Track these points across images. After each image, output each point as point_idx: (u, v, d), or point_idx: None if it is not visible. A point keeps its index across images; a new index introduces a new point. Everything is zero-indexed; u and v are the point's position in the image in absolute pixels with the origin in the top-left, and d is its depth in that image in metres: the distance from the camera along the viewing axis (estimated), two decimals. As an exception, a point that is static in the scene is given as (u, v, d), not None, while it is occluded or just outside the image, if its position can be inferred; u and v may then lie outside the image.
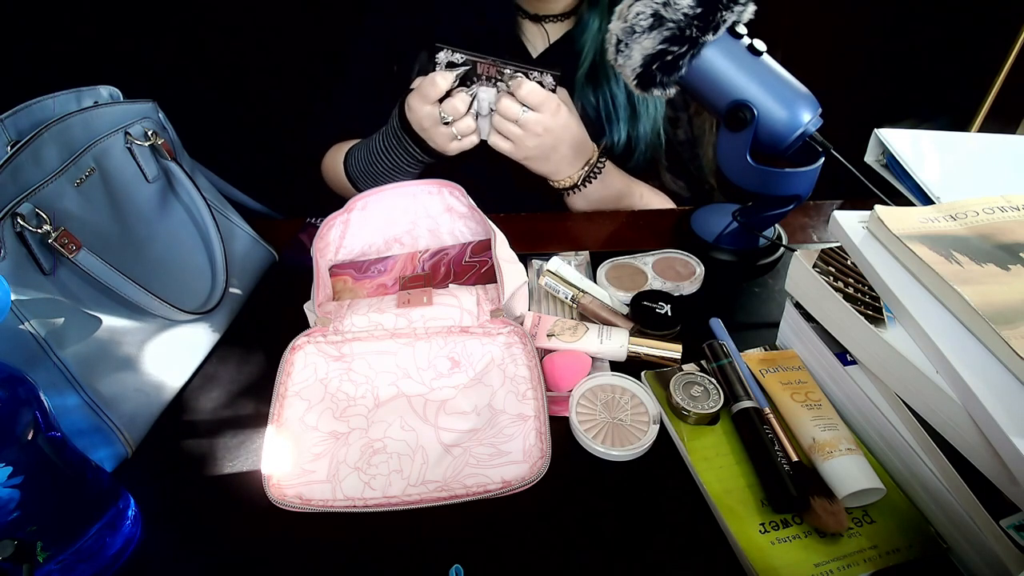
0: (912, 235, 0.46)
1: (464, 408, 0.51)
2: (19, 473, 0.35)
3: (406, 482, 0.46)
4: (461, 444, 0.48)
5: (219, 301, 0.58)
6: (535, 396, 0.50)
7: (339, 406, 0.50)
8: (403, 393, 0.51)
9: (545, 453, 0.47)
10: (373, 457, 0.47)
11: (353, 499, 0.45)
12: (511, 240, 0.60)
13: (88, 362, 0.47)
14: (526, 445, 0.47)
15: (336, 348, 0.53)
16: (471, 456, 0.47)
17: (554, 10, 0.81)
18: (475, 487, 0.45)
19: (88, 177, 0.50)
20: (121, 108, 0.55)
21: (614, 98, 0.80)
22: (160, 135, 0.57)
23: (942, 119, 1.21)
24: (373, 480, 0.46)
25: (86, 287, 0.49)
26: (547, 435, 0.48)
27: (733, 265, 0.68)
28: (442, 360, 0.53)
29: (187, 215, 0.60)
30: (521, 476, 0.46)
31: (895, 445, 0.44)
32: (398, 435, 0.49)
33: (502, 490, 0.45)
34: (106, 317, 0.50)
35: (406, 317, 0.55)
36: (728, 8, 0.56)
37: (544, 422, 0.49)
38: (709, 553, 0.42)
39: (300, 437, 0.48)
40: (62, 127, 0.49)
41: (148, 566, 0.43)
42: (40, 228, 0.45)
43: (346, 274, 0.62)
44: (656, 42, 0.57)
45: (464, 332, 0.54)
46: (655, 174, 0.87)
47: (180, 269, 0.57)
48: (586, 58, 0.79)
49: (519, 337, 0.53)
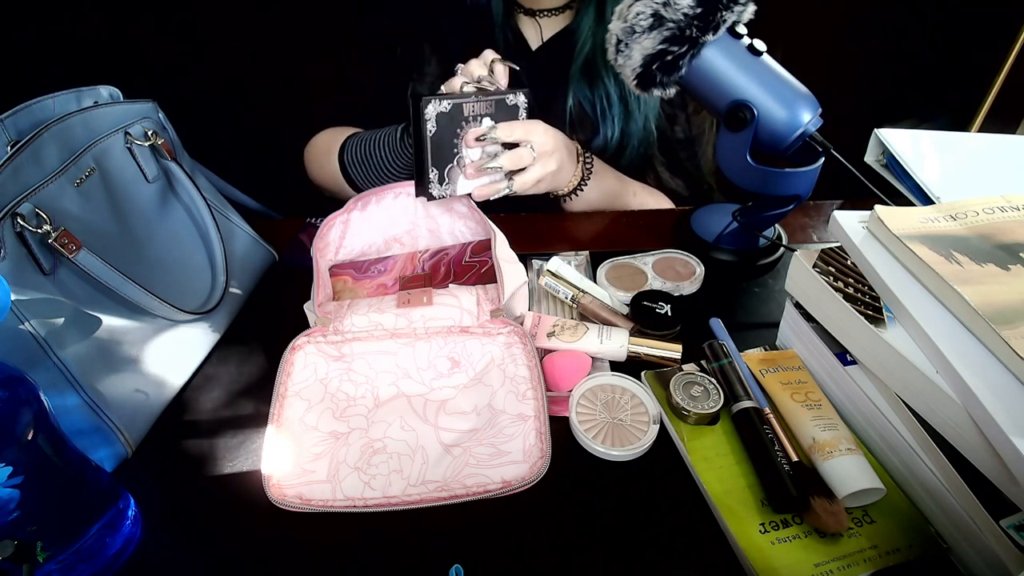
0: (912, 235, 0.46)
1: (464, 408, 0.51)
2: (19, 473, 0.35)
3: (406, 482, 0.46)
4: (461, 444, 0.48)
5: (219, 301, 0.58)
6: (535, 396, 0.50)
7: (339, 406, 0.50)
8: (403, 393, 0.51)
9: (545, 453, 0.47)
10: (373, 457, 0.47)
11: (353, 499, 0.45)
12: (511, 240, 0.60)
13: (88, 362, 0.47)
14: (526, 445, 0.47)
15: (336, 348, 0.53)
16: (471, 456, 0.47)
17: (548, 4, 0.81)
18: (475, 487, 0.45)
19: (88, 177, 0.50)
20: (121, 108, 0.55)
21: (608, 94, 0.80)
22: (160, 135, 0.57)
23: (942, 119, 1.21)
24: (373, 480, 0.46)
25: (86, 287, 0.49)
26: (547, 435, 0.48)
27: (733, 265, 0.68)
28: (442, 360, 0.53)
29: (187, 215, 0.60)
30: (521, 476, 0.46)
31: (895, 445, 0.44)
32: (398, 435, 0.49)
33: (502, 490, 0.45)
34: (106, 317, 0.50)
35: (406, 317, 0.55)
36: (728, 8, 0.56)
37: (544, 422, 0.49)
38: (709, 553, 0.42)
39: (300, 437, 0.48)
40: (62, 127, 0.49)
41: (148, 566, 0.43)
42: (40, 228, 0.45)
43: (346, 274, 0.62)
44: (656, 42, 0.57)
45: (464, 332, 0.54)
46: (651, 171, 0.87)
47: (180, 269, 0.57)
48: (580, 53, 0.79)
49: (519, 337, 0.53)
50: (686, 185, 0.88)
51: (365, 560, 0.43)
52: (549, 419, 0.49)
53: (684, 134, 0.85)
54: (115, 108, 0.54)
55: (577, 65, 0.80)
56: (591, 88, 0.80)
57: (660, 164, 0.87)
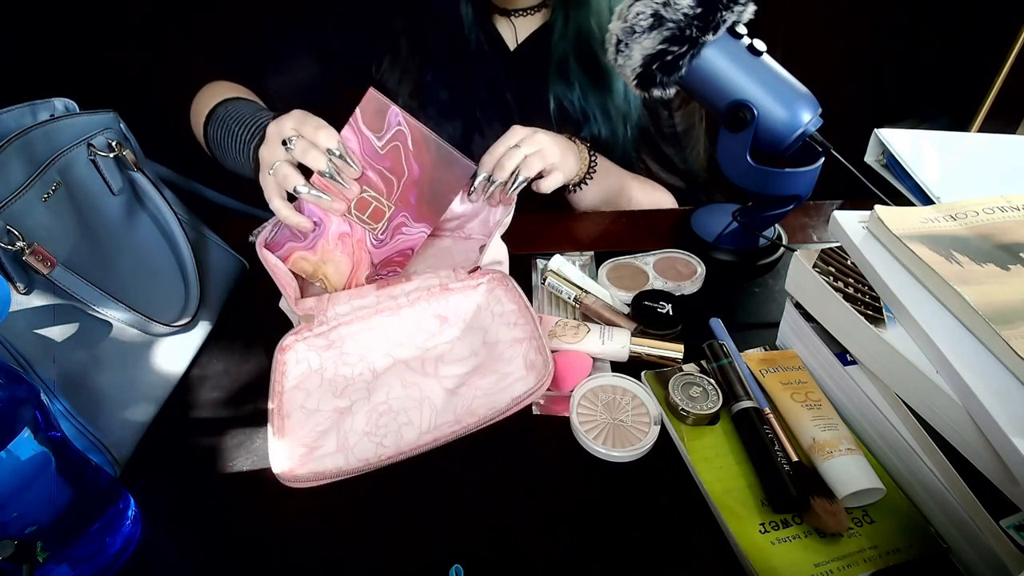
0: (912, 235, 0.46)
1: (462, 355, 0.51)
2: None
3: (418, 431, 0.46)
4: (465, 383, 0.48)
5: (195, 311, 0.57)
6: (527, 321, 0.50)
7: (338, 387, 0.50)
8: (398, 360, 0.51)
9: (548, 363, 0.47)
10: (380, 420, 0.47)
11: (367, 459, 0.44)
12: (512, 240, 0.60)
13: (70, 381, 0.46)
14: (527, 361, 0.48)
15: (324, 338, 0.53)
16: (477, 390, 0.47)
17: (522, 3, 0.80)
18: (487, 413, 0.45)
19: (55, 191, 0.48)
20: (82, 119, 0.53)
21: (585, 94, 0.80)
22: (124, 145, 0.55)
23: (942, 119, 1.21)
24: (384, 439, 0.45)
25: (63, 304, 0.47)
26: (546, 349, 0.48)
27: (733, 265, 0.68)
28: (430, 320, 0.53)
29: (155, 226, 0.58)
30: (528, 388, 0.46)
31: (895, 445, 0.44)
32: (400, 394, 0.48)
33: (513, 406, 0.45)
34: (84, 334, 0.49)
35: (388, 293, 0.54)
36: (728, 8, 0.56)
37: (540, 339, 0.49)
38: (709, 553, 0.42)
39: (304, 423, 0.48)
40: (24, 141, 0.47)
41: (148, 566, 0.43)
42: (13, 245, 0.43)
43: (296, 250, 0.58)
44: (656, 42, 0.57)
45: (445, 290, 0.54)
46: (642, 168, 0.87)
47: (152, 281, 0.56)
48: (555, 52, 0.79)
49: (499, 281, 0.54)
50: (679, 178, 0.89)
51: (365, 560, 0.43)
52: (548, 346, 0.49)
53: (670, 129, 0.85)
54: (76, 120, 0.53)
55: (554, 64, 0.79)
56: (568, 88, 0.80)
57: (650, 159, 0.87)
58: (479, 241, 0.64)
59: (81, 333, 0.49)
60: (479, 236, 0.65)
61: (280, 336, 0.55)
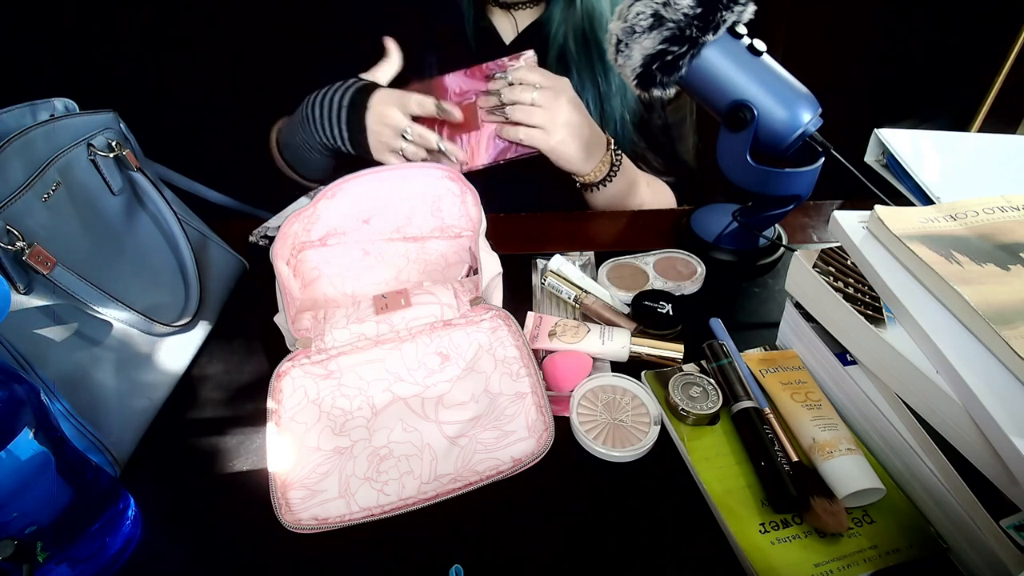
0: (912, 235, 0.46)
1: (462, 399, 0.51)
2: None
3: (419, 481, 0.45)
4: (466, 433, 0.48)
5: (196, 311, 0.57)
6: (528, 373, 0.50)
7: (337, 422, 0.50)
8: (398, 397, 0.51)
9: (548, 425, 0.47)
10: (381, 464, 0.47)
11: (370, 508, 0.44)
12: (511, 240, 0.60)
13: (70, 381, 0.46)
14: (528, 420, 0.48)
15: (322, 367, 0.52)
16: (477, 443, 0.47)
17: None
18: (487, 471, 0.45)
19: (55, 191, 0.48)
20: (82, 120, 0.53)
21: (583, 84, 0.80)
22: (124, 145, 0.55)
23: (942, 119, 1.21)
24: (386, 486, 0.45)
25: (63, 304, 0.47)
26: (547, 407, 0.48)
27: (733, 265, 0.68)
28: (431, 357, 0.53)
29: (155, 226, 0.58)
30: (530, 451, 0.46)
31: (895, 445, 0.44)
32: (402, 438, 0.48)
33: (514, 468, 0.45)
34: (85, 334, 0.48)
35: (387, 322, 0.54)
36: (728, 8, 0.56)
37: (542, 395, 0.49)
38: (709, 553, 0.42)
39: (303, 460, 0.47)
40: (25, 141, 0.47)
41: (148, 566, 0.43)
42: (13, 245, 0.43)
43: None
44: (656, 42, 0.57)
45: (448, 326, 0.54)
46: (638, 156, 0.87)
47: (153, 281, 0.56)
48: (554, 43, 0.79)
49: (502, 320, 0.53)
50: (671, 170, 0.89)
51: (364, 560, 0.43)
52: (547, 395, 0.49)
53: (661, 121, 0.85)
54: (76, 120, 0.52)
55: (552, 56, 0.79)
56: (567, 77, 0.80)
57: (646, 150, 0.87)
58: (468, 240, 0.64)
59: (81, 333, 0.48)
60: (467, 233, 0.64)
61: (280, 336, 0.55)
